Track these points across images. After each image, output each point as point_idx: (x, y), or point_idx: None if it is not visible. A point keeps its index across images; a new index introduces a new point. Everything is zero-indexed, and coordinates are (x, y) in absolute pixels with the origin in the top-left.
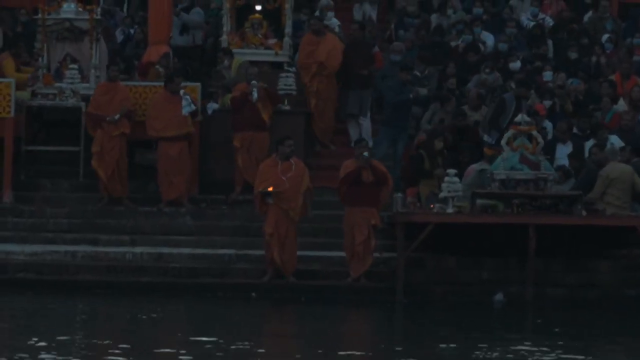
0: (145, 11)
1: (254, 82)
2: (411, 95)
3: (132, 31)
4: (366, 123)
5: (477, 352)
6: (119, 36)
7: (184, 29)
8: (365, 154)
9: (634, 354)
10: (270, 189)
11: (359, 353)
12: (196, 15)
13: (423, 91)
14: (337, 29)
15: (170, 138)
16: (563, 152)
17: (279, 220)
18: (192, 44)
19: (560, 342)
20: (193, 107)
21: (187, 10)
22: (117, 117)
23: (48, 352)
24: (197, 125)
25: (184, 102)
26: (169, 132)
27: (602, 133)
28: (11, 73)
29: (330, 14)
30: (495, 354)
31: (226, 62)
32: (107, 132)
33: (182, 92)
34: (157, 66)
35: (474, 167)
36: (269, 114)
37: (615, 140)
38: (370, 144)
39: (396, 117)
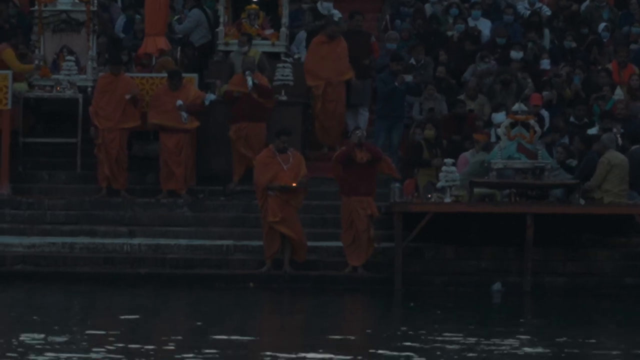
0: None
1: (248, 71)
2: (396, 83)
3: (137, 16)
4: (365, 113)
5: (476, 341)
6: (121, 21)
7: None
8: (358, 132)
9: (633, 342)
10: (294, 184)
11: (356, 343)
12: (191, 17)
13: (408, 77)
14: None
15: (168, 129)
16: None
17: (281, 208)
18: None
19: (559, 331)
20: (187, 120)
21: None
22: None
23: (46, 344)
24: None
25: (181, 114)
26: (165, 121)
27: (606, 122)
28: (14, 63)
29: (328, 4)
30: (493, 344)
31: (246, 48)
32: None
33: (178, 103)
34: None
35: (466, 155)
36: (266, 105)
37: None
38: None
39: (389, 108)
